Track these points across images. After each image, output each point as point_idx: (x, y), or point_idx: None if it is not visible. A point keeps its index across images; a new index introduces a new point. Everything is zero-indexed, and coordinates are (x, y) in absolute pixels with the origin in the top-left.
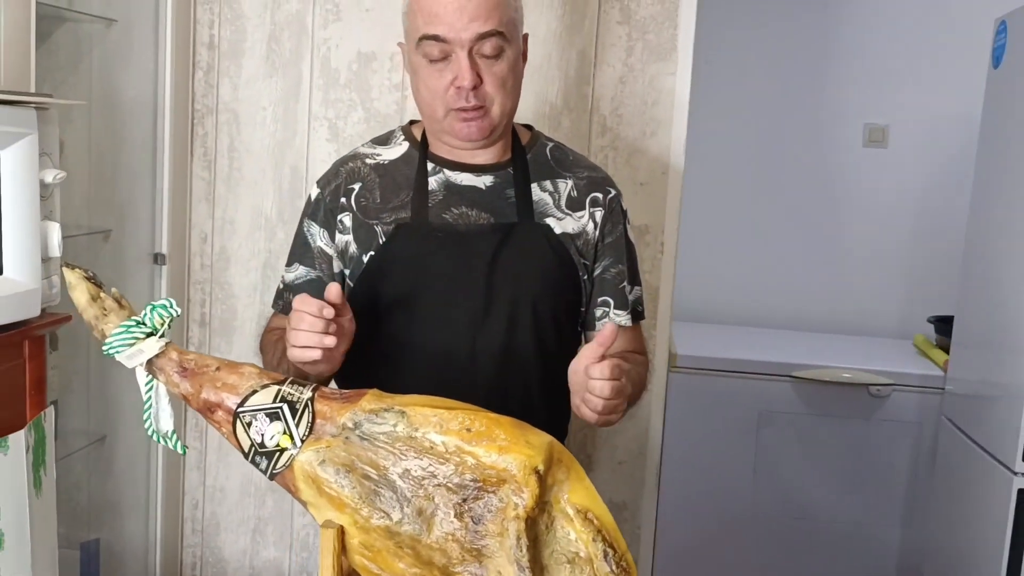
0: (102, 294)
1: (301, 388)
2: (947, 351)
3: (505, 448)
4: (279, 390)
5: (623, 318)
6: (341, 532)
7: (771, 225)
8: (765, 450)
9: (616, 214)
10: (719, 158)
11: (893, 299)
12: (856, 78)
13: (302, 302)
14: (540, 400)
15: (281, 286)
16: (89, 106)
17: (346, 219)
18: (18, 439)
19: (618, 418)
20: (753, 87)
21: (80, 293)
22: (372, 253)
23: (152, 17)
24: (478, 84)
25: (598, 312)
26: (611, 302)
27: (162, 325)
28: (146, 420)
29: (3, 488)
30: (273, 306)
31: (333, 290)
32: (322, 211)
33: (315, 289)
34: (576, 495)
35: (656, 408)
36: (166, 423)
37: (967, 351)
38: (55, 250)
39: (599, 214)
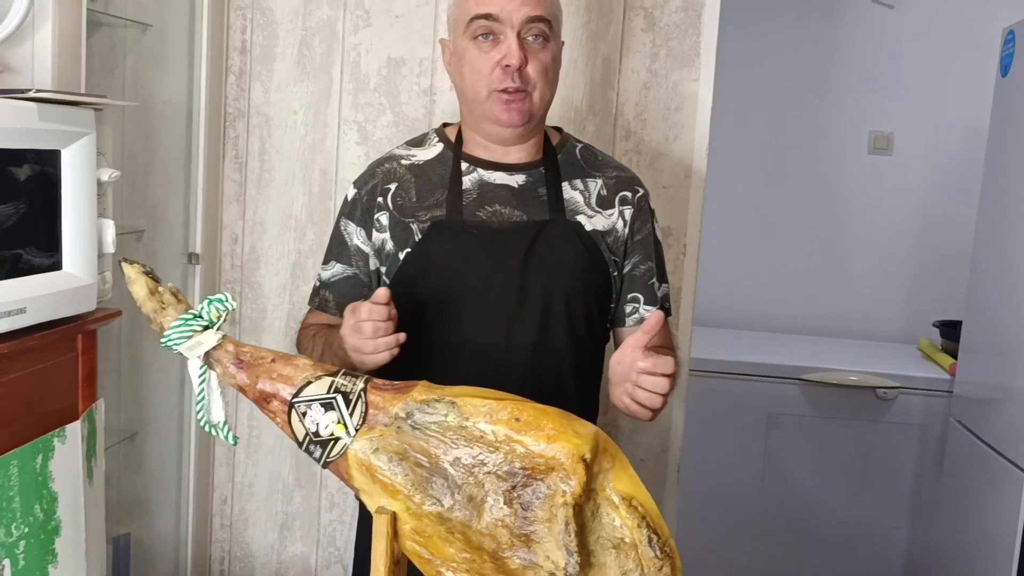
0: (160, 288)
1: (354, 379)
2: (952, 355)
3: (553, 437)
4: (333, 381)
5: (652, 314)
6: (394, 518)
7: (778, 231)
8: (774, 451)
9: (644, 212)
10: (728, 164)
11: (898, 304)
12: (861, 86)
13: (369, 311)
14: (573, 392)
15: (318, 283)
16: (123, 109)
17: (383, 218)
18: (74, 429)
19: (658, 414)
20: (760, 94)
21: (139, 287)
22: (408, 250)
23: (187, 22)
24: (524, 65)
25: (628, 308)
26: (640, 298)
27: (218, 318)
28: (199, 411)
29: (61, 477)
30: (309, 303)
31: (383, 293)
32: (359, 210)
33: (351, 286)
34: (621, 483)
35: (678, 407)
36: (218, 414)
37: (976, 354)
38: (109, 247)
39: (628, 212)
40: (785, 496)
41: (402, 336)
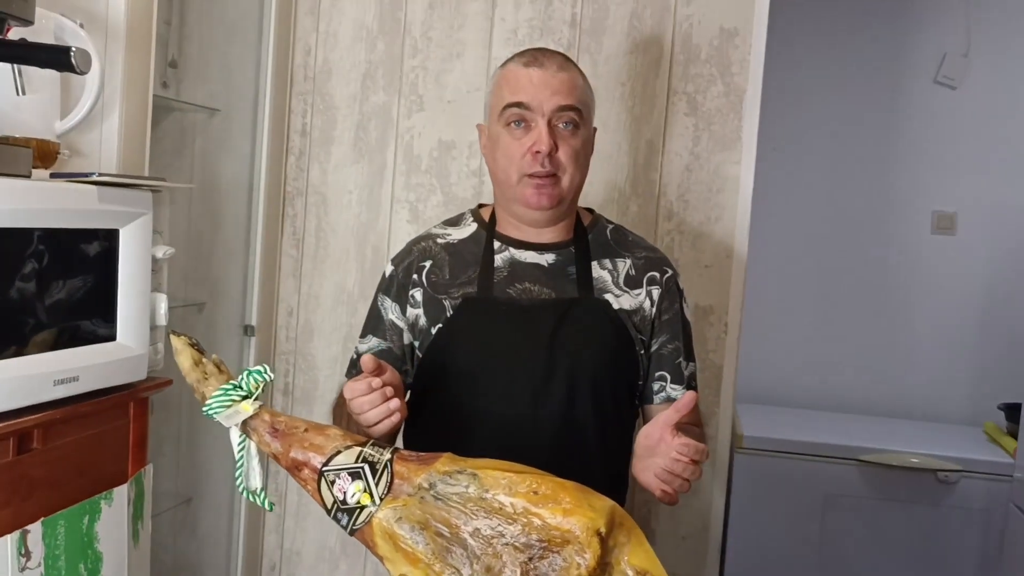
0: (204, 359)
1: (382, 450)
2: (1016, 438)
3: (569, 511)
4: (361, 451)
5: (679, 392)
6: None
7: (839, 310)
8: (831, 534)
9: (673, 292)
10: (787, 243)
11: (962, 386)
12: (924, 165)
13: (349, 390)
14: (600, 466)
15: (355, 356)
16: (191, 189)
17: (417, 294)
18: (121, 492)
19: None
20: (822, 173)
21: (185, 358)
22: (440, 325)
23: (251, 107)
24: (554, 151)
25: (655, 386)
26: (668, 376)
27: (257, 389)
28: (238, 477)
29: (106, 537)
30: (346, 375)
31: (368, 363)
32: (395, 287)
33: (386, 359)
34: (636, 557)
35: (719, 485)
36: (256, 481)
37: None
38: (162, 319)
39: (656, 292)
40: None
41: (393, 404)
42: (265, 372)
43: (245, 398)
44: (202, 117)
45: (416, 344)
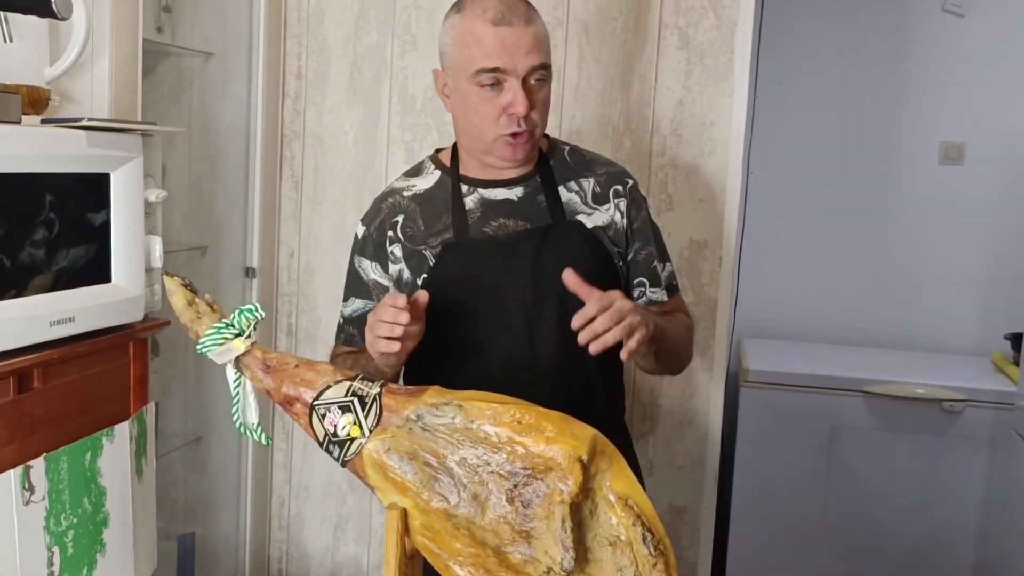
0: (197, 299)
1: (370, 384)
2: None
3: (552, 439)
4: (351, 385)
5: (658, 293)
6: (404, 514)
7: (846, 242)
8: (836, 465)
9: (638, 200)
10: (793, 176)
11: (970, 317)
12: (932, 95)
13: (393, 297)
14: (599, 382)
15: (341, 320)
16: (189, 132)
17: (396, 250)
18: (122, 429)
19: (634, 346)
20: (827, 104)
21: (178, 298)
22: (425, 275)
23: (246, 50)
24: (529, 110)
25: (635, 292)
26: (646, 282)
27: (248, 327)
28: (234, 413)
29: (109, 472)
30: (336, 340)
31: (422, 298)
32: (370, 246)
33: None
34: (618, 483)
35: (715, 415)
36: (252, 416)
37: None
38: (157, 261)
39: (623, 204)
40: (848, 511)
41: (397, 331)
42: (256, 310)
43: (237, 336)
44: (197, 61)
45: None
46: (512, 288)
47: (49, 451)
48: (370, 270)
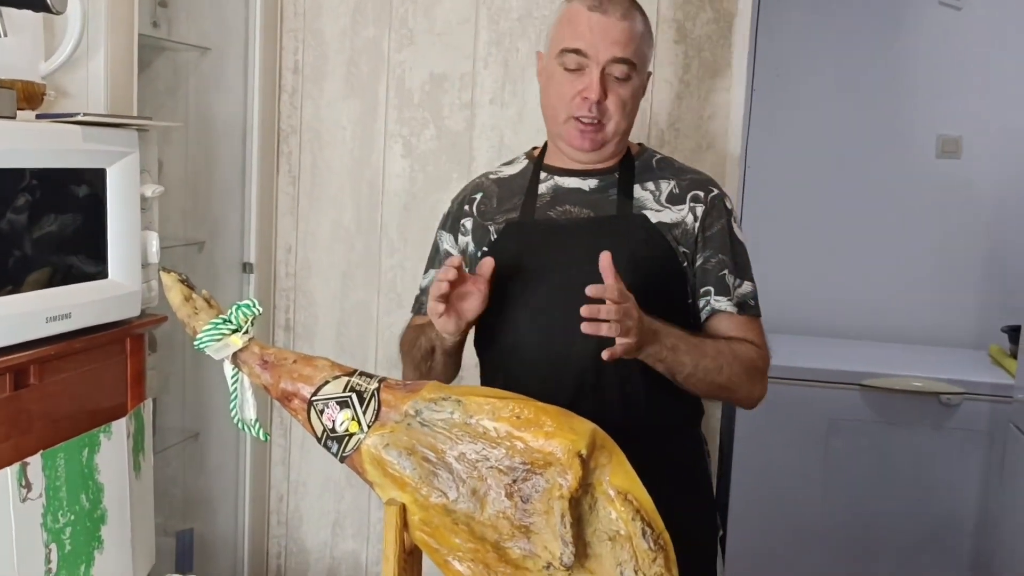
0: (194, 295)
1: (368, 379)
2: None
3: (551, 434)
4: (349, 381)
5: (723, 303)
6: (403, 509)
7: (843, 236)
8: (834, 458)
9: (718, 210)
10: (791, 169)
11: (968, 310)
12: (928, 89)
13: (451, 259)
14: (640, 378)
15: (418, 292)
16: (185, 128)
17: (467, 223)
18: (120, 426)
19: (617, 351)
20: (824, 98)
21: (175, 294)
22: (485, 248)
23: (242, 45)
24: (603, 99)
25: (701, 302)
26: (712, 290)
27: (246, 322)
28: (232, 409)
29: (107, 468)
30: (412, 310)
31: (487, 265)
32: (450, 219)
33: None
34: (617, 478)
35: (713, 410)
36: (249, 412)
37: None
38: (153, 257)
39: (699, 209)
40: (846, 504)
41: (443, 286)
42: (254, 306)
43: (235, 332)
44: (194, 56)
45: (468, 270)
46: (561, 274)
47: (46, 448)
48: (445, 241)
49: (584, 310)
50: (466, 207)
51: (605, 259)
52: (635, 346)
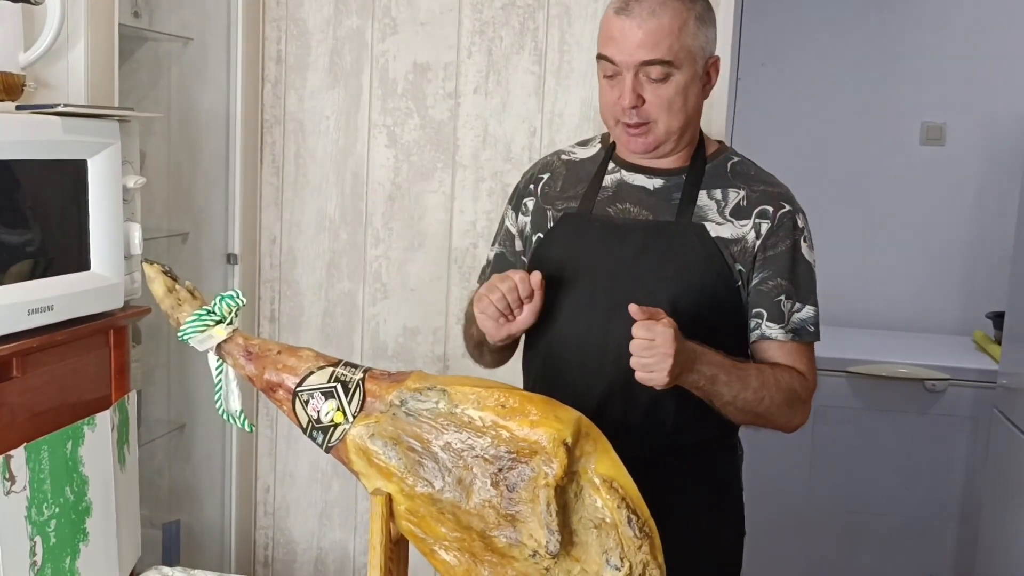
0: (177, 286)
1: (353, 369)
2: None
3: (536, 423)
4: (334, 371)
5: (774, 330)
6: (389, 499)
7: (828, 223)
8: (821, 445)
9: (786, 229)
10: (775, 157)
11: (952, 296)
12: (913, 76)
13: (501, 277)
14: (670, 399)
15: (485, 263)
16: (168, 118)
17: (529, 202)
18: (104, 418)
19: (659, 379)
20: (810, 86)
21: (158, 285)
22: (540, 235)
23: (224, 35)
24: (638, 104)
25: (752, 323)
26: (764, 314)
27: (230, 313)
28: (217, 400)
29: (91, 461)
30: (478, 281)
31: (535, 279)
32: (516, 195)
33: (501, 264)
34: (602, 466)
35: None
36: (234, 403)
37: (1020, 344)
38: (136, 248)
39: (765, 226)
40: (832, 490)
41: (489, 308)
42: (237, 297)
43: (219, 323)
44: (176, 47)
45: (522, 251)
46: (606, 274)
47: (30, 440)
48: (508, 218)
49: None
50: (531, 186)
51: (634, 310)
52: (668, 382)
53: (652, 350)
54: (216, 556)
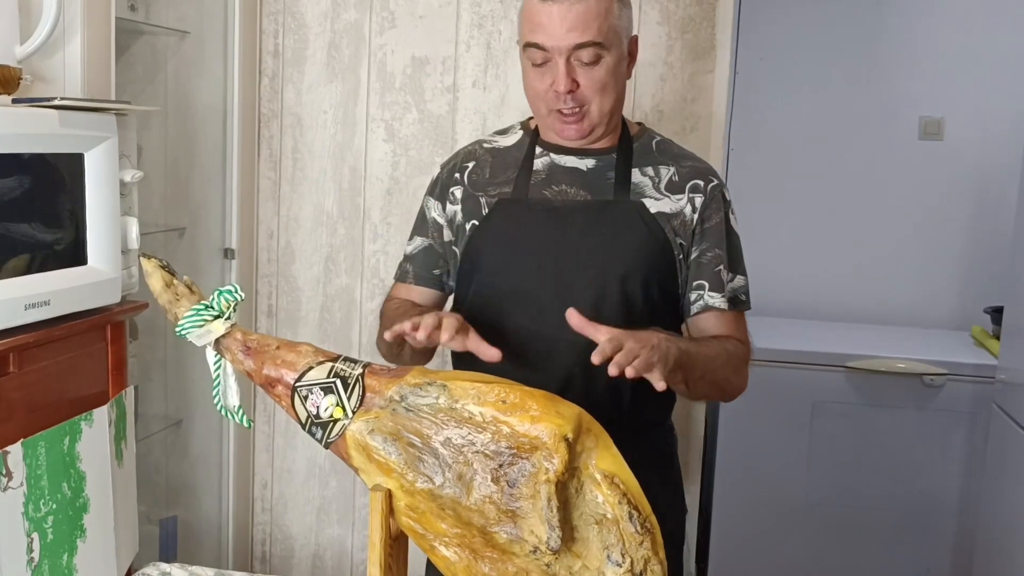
0: (175, 281)
1: (353, 364)
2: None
3: (537, 418)
4: (333, 366)
5: (717, 300)
6: (388, 495)
7: (827, 218)
8: (819, 440)
9: (717, 201)
10: (773, 152)
11: (950, 291)
12: (910, 70)
13: (428, 318)
14: (626, 382)
15: (403, 258)
16: (165, 112)
17: (457, 191)
18: (101, 413)
19: (660, 382)
20: (806, 79)
21: (156, 280)
22: (475, 222)
23: (222, 29)
24: (574, 89)
25: (693, 296)
26: (706, 284)
27: (228, 308)
28: (215, 395)
29: (88, 457)
30: (395, 277)
31: (474, 343)
32: (439, 186)
33: (428, 256)
34: (603, 461)
35: None
36: (232, 399)
37: (1019, 339)
38: (133, 243)
39: (699, 200)
40: (830, 485)
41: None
42: (236, 291)
43: (217, 318)
44: (173, 40)
45: (453, 241)
46: (554, 254)
47: (26, 436)
48: (432, 208)
49: (611, 368)
50: (457, 175)
51: (575, 318)
52: (667, 366)
53: (632, 352)
54: (214, 552)
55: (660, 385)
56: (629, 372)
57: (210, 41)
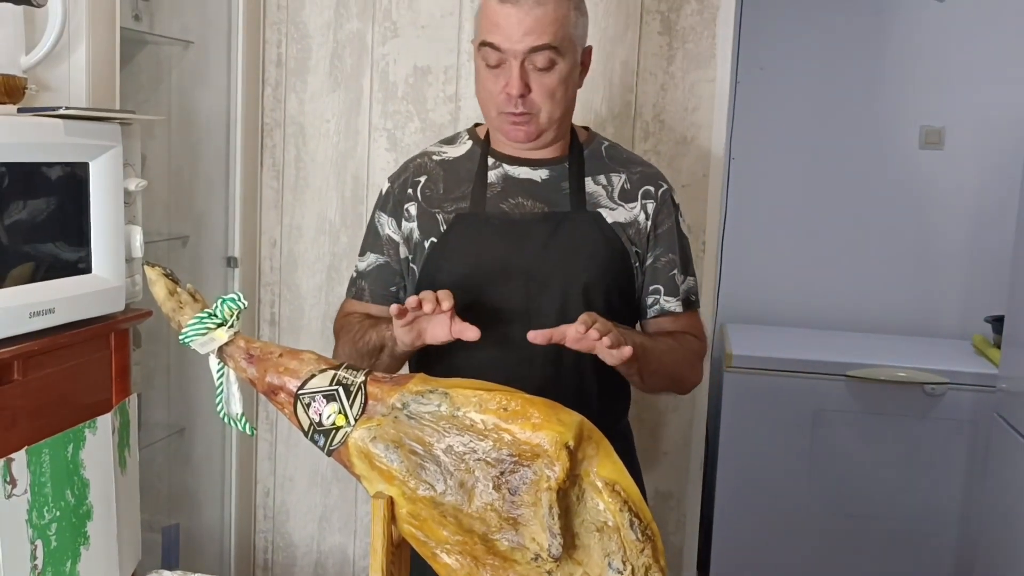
0: (179, 289)
1: (355, 372)
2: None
3: (539, 426)
4: (335, 374)
5: (672, 304)
6: (390, 502)
7: (828, 227)
8: (820, 449)
9: (668, 206)
10: (775, 162)
11: (951, 300)
12: (911, 80)
13: (427, 292)
14: (592, 378)
15: (355, 274)
16: (168, 122)
17: (411, 208)
18: (105, 421)
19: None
20: (808, 90)
21: (159, 288)
22: (433, 239)
23: (225, 38)
24: (526, 93)
25: (649, 300)
26: (661, 289)
27: (231, 316)
28: (218, 403)
29: (92, 465)
30: (347, 293)
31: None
32: (391, 202)
33: (384, 274)
34: (604, 469)
35: (700, 401)
36: (236, 407)
37: (1019, 348)
38: (137, 251)
39: (651, 206)
40: (832, 494)
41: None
42: (239, 299)
43: (220, 326)
44: (176, 50)
45: (411, 258)
46: (517, 269)
47: (31, 444)
48: (386, 225)
49: (582, 344)
50: (410, 190)
51: (535, 337)
52: (628, 352)
53: (607, 326)
54: (215, 560)
55: (626, 351)
56: (605, 341)
57: (213, 51)
